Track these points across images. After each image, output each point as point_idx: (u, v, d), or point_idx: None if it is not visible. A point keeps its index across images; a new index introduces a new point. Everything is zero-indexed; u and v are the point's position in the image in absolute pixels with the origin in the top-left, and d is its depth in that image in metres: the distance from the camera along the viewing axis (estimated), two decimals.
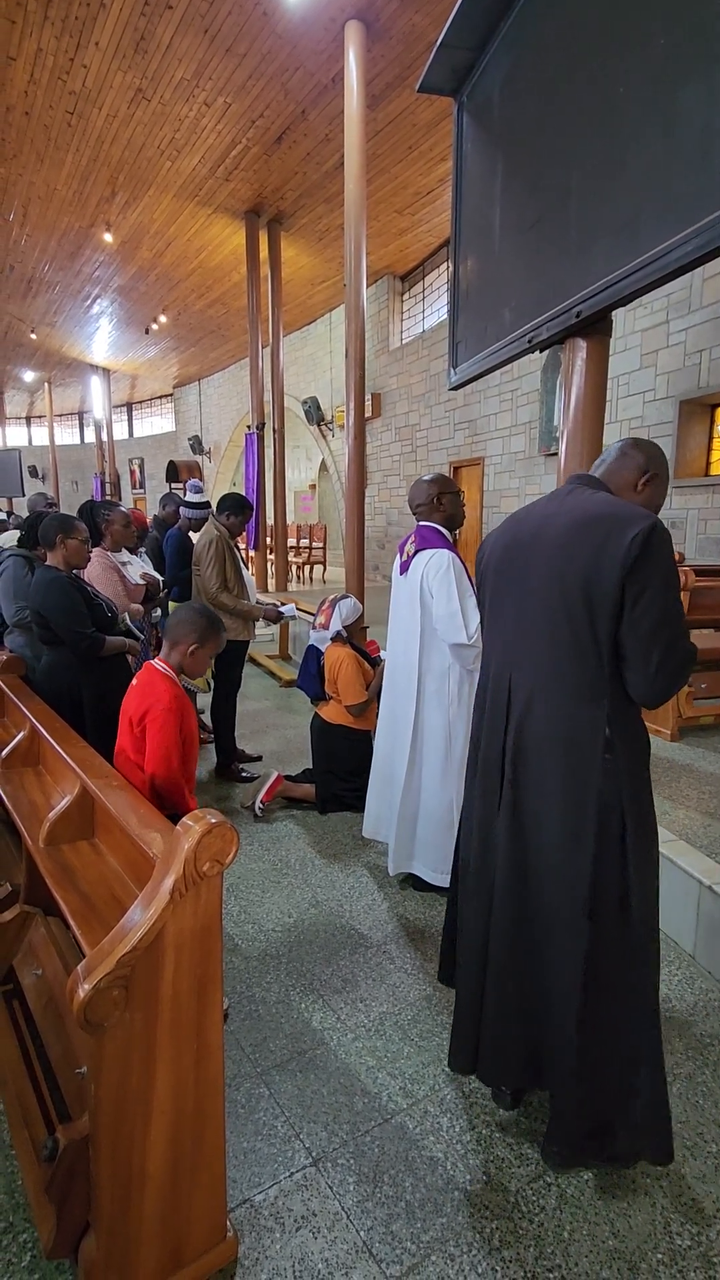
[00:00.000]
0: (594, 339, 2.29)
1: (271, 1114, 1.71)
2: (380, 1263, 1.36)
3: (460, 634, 2.40)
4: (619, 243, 1.97)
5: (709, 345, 5.86)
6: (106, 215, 9.42)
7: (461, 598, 2.41)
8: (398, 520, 11.55)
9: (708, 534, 6.00)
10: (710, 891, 2.24)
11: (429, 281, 10.96)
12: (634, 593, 1.29)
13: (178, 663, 2.05)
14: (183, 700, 1.98)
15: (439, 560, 2.46)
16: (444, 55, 2.76)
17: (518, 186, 2.54)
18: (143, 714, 1.96)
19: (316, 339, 13.66)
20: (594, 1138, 1.47)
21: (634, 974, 1.42)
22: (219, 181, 8.45)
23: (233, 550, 3.84)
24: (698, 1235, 1.41)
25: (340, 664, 3.33)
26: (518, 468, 8.69)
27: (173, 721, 1.93)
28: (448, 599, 2.42)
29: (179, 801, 1.96)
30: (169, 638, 2.07)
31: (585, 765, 1.38)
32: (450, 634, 2.43)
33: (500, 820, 1.52)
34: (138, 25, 5.85)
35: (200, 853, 1.17)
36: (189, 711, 2.03)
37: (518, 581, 1.50)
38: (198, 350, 16.21)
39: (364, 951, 2.36)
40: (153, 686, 1.99)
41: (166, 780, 1.93)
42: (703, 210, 1.67)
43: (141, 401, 22.47)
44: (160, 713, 1.92)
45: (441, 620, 2.44)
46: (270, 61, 6.28)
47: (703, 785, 3.16)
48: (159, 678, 2.01)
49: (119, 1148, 1.19)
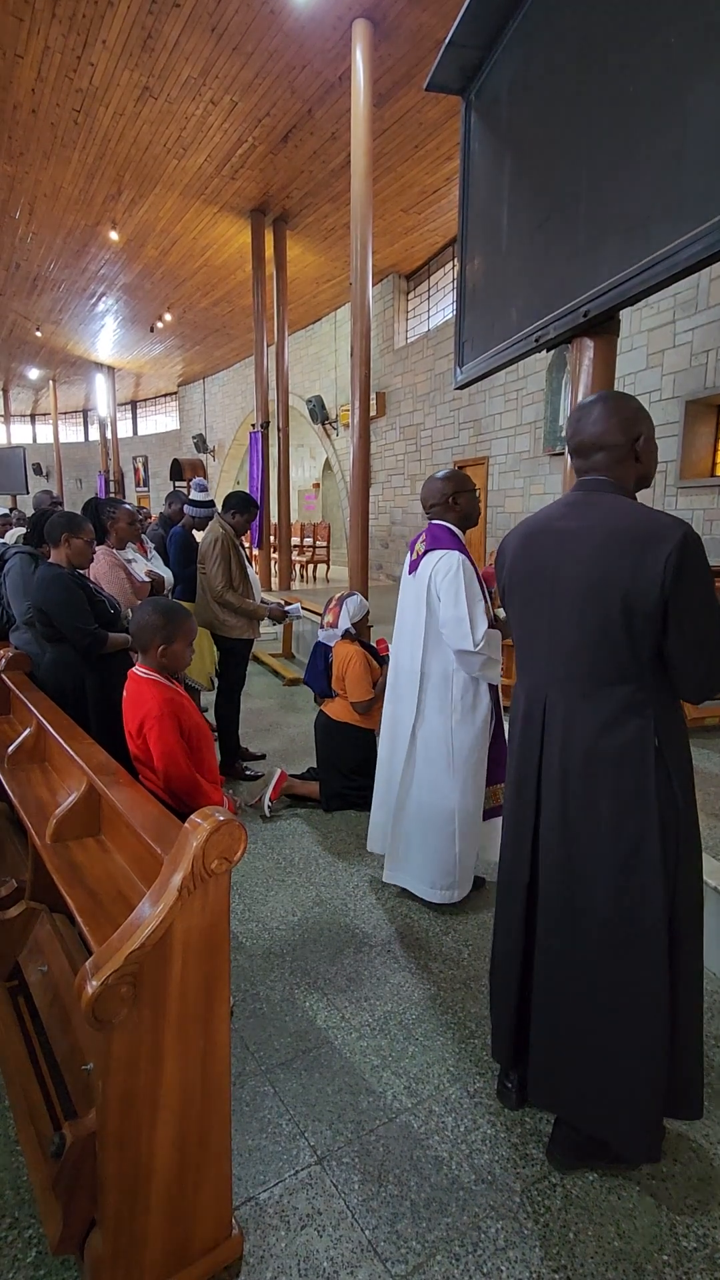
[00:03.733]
0: (601, 338, 2.29)
1: (276, 1112, 1.71)
2: (385, 1262, 1.36)
3: (466, 640, 2.33)
4: (628, 242, 1.96)
5: (715, 345, 5.85)
6: (112, 213, 9.42)
7: (470, 602, 2.33)
8: (401, 520, 11.54)
9: (713, 534, 5.99)
10: (716, 893, 2.23)
11: (434, 281, 10.94)
12: (676, 611, 1.28)
13: (156, 665, 2.02)
14: (174, 702, 1.96)
15: (448, 562, 2.39)
16: (452, 54, 2.75)
17: (526, 185, 2.53)
18: (139, 725, 1.95)
19: (321, 338, 13.65)
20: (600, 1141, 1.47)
21: (692, 970, 1.43)
22: (225, 180, 8.45)
23: (238, 548, 3.84)
24: (704, 1237, 1.40)
25: (349, 661, 3.33)
26: (522, 467, 8.67)
27: (168, 725, 1.92)
28: (455, 603, 2.35)
29: (198, 798, 1.95)
30: (137, 646, 2.04)
31: (639, 777, 1.37)
32: (456, 639, 2.36)
33: (546, 839, 1.50)
34: (145, 23, 5.85)
35: (209, 850, 1.17)
36: (186, 709, 2.00)
37: (547, 600, 1.47)
38: (202, 348, 16.21)
39: (368, 950, 2.36)
40: (140, 696, 1.97)
41: (179, 779, 1.93)
42: (713, 209, 1.66)
43: (146, 399, 22.49)
44: (154, 721, 1.91)
45: (448, 624, 2.38)
46: (277, 60, 6.27)
47: (708, 786, 3.15)
48: (144, 685, 1.99)
49: (126, 1144, 1.19)
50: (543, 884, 1.52)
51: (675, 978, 1.41)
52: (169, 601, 2.08)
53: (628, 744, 1.38)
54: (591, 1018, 1.45)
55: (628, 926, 1.40)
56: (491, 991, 1.74)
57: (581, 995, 1.46)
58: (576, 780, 1.44)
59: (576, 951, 1.46)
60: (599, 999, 1.44)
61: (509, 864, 1.62)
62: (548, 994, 1.52)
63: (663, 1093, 1.41)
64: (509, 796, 1.64)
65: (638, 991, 1.39)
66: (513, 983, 1.60)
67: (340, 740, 3.44)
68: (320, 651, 3.60)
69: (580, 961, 1.46)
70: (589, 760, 1.42)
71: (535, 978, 1.55)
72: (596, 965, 1.44)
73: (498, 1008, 1.67)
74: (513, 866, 1.60)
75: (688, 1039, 1.45)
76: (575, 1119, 1.52)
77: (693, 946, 1.43)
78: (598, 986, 1.44)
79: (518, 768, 1.58)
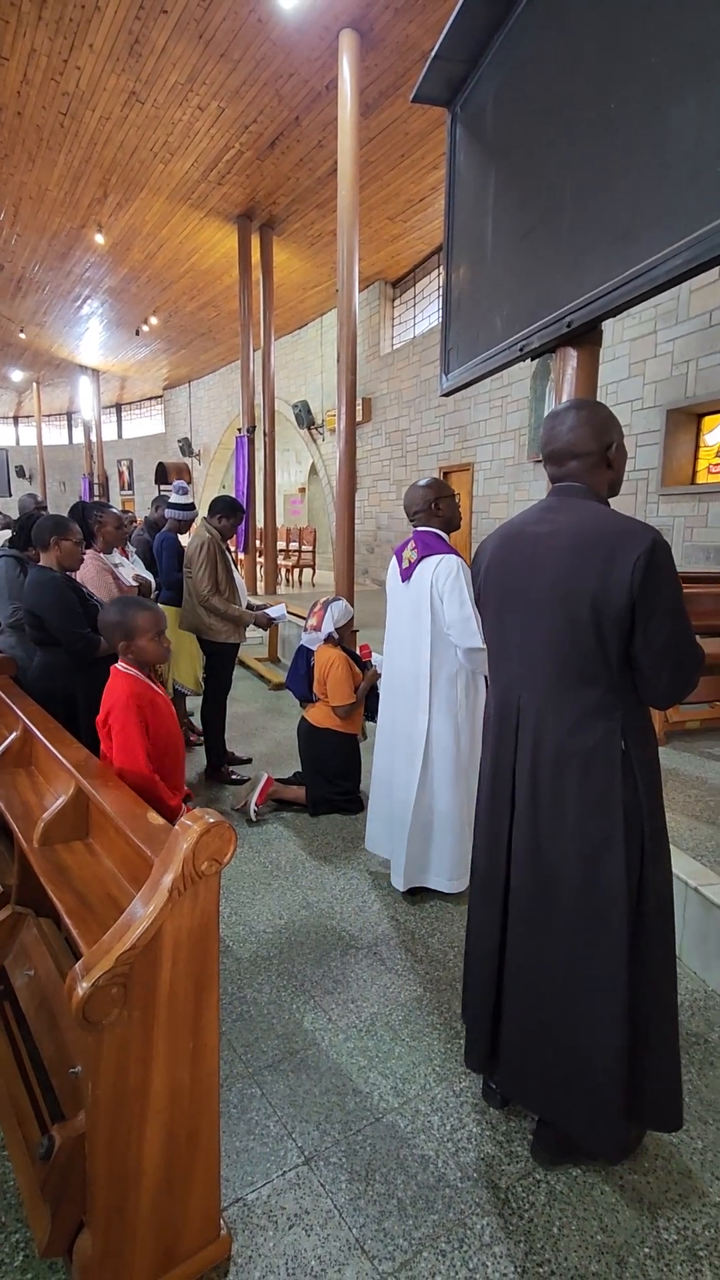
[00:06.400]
0: (584, 348, 2.33)
1: (264, 1114, 1.72)
2: (373, 1259, 1.37)
3: (475, 638, 2.40)
4: (611, 254, 2.01)
5: (696, 355, 5.95)
6: (98, 216, 9.41)
7: (473, 602, 2.42)
8: (387, 524, 11.59)
9: (694, 541, 6.08)
10: (696, 893, 2.27)
11: (420, 288, 11.03)
12: (644, 616, 1.31)
13: (132, 660, 2.03)
14: (144, 696, 1.96)
15: (448, 565, 2.46)
16: (438, 67, 2.80)
17: (511, 196, 2.57)
18: (105, 716, 1.97)
19: (307, 343, 13.69)
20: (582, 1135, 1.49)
21: (663, 971, 1.45)
22: (211, 185, 8.48)
23: (224, 553, 3.85)
24: (684, 1229, 1.43)
25: (331, 665, 3.35)
26: (507, 473, 8.76)
27: (131, 717, 1.91)
28: (460, 603, 2.42)
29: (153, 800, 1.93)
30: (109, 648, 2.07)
31: (606, 778, 1.39)
32: (465, 638, 2.43)
33: (517, 837, 1.52)
34: (132, 29, 5.87)
35: (199, 852, 1.18)
36: (159, 709, 1.99)
37: (521, 603, 1.49)
38: (188, 352, 16.19)
39: (355, 953, 2.37)
40: (112, 688, 1.99)
41: (135, 778, 1.89)
42: (694, 224, 1.71)
43: (131, 403, 22.40)
44: (119, 711, 1.92)
45: (455, 625, 2.44)
46: (264, 68, 6.31)
47: (689, 789, 3.21)
48: (118, 677, 2.00)
49: (115, 1145, 1.19)
50: (514, 883, 1.54)
51: (642, 980, 1.43)
52: (125, 598, 2.09)
53: (595, 746, 1.41)
54: (558, 1015, 1.47)
55: (592, 925, 1.42)
56: (467, 994, 1.75)
57: (549, 993, 1.49)
58: (546, 781, 1.46)
59: (544, 948, 1.49)
60: (564, 997, 1.46)
61: (484, 867, 1.63)
62: (518, 990, 1.54)
63: (625, 1096, 1.42)
64: (484, 798, 1.65)
65: (600, 991, 1.42)
66: (490, 983, 1.61)
67: (323, 745, 3.45)
68: (303, 655, 3.61)
69: (548, 959, 1.49)
70: (558, 761, 1.44)
71: (506, 975, 1.57)
72: (562, 963, 1.46)
73: (474, 1010, 1.68)
74: (488, 868, 1.61)
75: (660, 1049, 1.45)
76: (543, 1113, 1.55)
77: (663, 949, 1.44)
78: (563, 984, 1.46)
79: (492, 769, 1.61)
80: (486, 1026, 1.63)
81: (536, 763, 1.48)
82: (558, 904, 1.46)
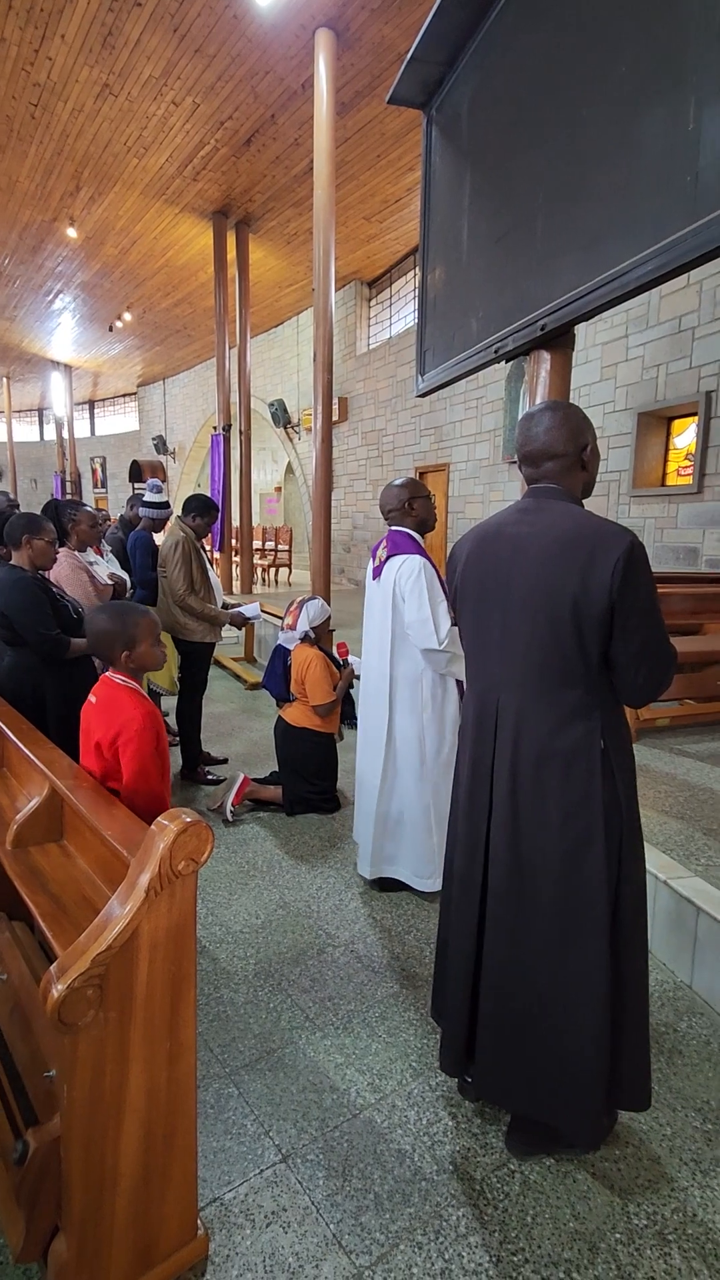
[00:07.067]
0: (557, 351, 2.37)
1: (241, 1113, 1.72)
2: (350, 1254, 1.38)
3: (432, 639, 2.43)
4: (583, 259, 2.04)
5: (665, 360, 6.06)
6: (70, 210, 9.27)
7: (433, 603, 2.43)
8: (364, 524, 11.61)
9: (664, 542, 6.20)
10: (666, 886, 2.32)
11: (396, 289, 11.06)
12: (622, 617, 1.34)
13: (129, 671, 1.90)
14: (155, 717, 1.85)
15: (410, 566, 2.48)
16: (414, 69, 2.81)
17: (485, 200, 2.60)
18: (113, 737, 1.80)
19: (284, 341, 13.65)
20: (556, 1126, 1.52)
21: (639, 962, 1.49)
22: (186, 181, 8.41)
23: (199, 552, 3.82)
24: (654, 1214, 1.47)
25: (308, 664, 3.35)
26: (482, 474, 8.83)
27: (148, 741, 1.79)
28: (419, 604, 2.44)
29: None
30: (101, 658, 1.91)
31: (586, 776, 1.42)
32: (422, 639, 2.46)
33: (495, 837, 1.54)
34: (105, 20, 5.79)
35: (176, 851, 1.18)
36: (161, 725, 1.91)
37: (499, 604, 1.50)
38: (163, 349, 16.03)
39: (332, 951, 2.38)
40: (119, 705, 1.83)
41: (148, 797, 1.80)
42: (663, 232, 1.75)
43: (104, 399, 22.10)
44: (134, 734, 1.78)
45: (413, 626, 2.47)
46: (240, 64, 6.28)
47: (659, 785, 3.27)
48: (123, 695, 1.85)
49: (91, 1148, 1.19)
50: (492, 882, 1.55)
51: (621, 974, 1.46)
52: (120, 604, 1.98)
53: (576, 746, 1.43)
54: (538, 1011, 1.50)
55: (573, 921, 1.45)
56: (439, 995, 1.76)
57: (529, 989, 1.51)
58: (526, 781, 1.48)
59: (524, 946, 1.51)
60: (545, 992, 1.48)
61: (461, 867, 1.64)
62: (497, 989, 1.55)
63: (606, 1083, 1.46)
64: (461, 800, 1.66)
65: (582, 985, 1.44)
66: (466, 982, 1.62)
67: (300, 745, 3.45)
68: (279, 654, 3.61)
69: (528, 956, 1.50)
70: (539, 761, 1.46)
71: (484, 974, 1.58)
72: (543, 959, 1.48)
73: (450, 1010, 1.67)
74: (465, 868, 1.62)
75: (634, 1034, 1.50)
76: (524, 1110, 1.57)
77: (637, 941, 1.49)
78: (544, 980, 1.48)
79: (470, 771, 1.61)
80: (463, 1026, 1.64)
81: (516, 763, 1.49)
82: (537, 901, 1.48)
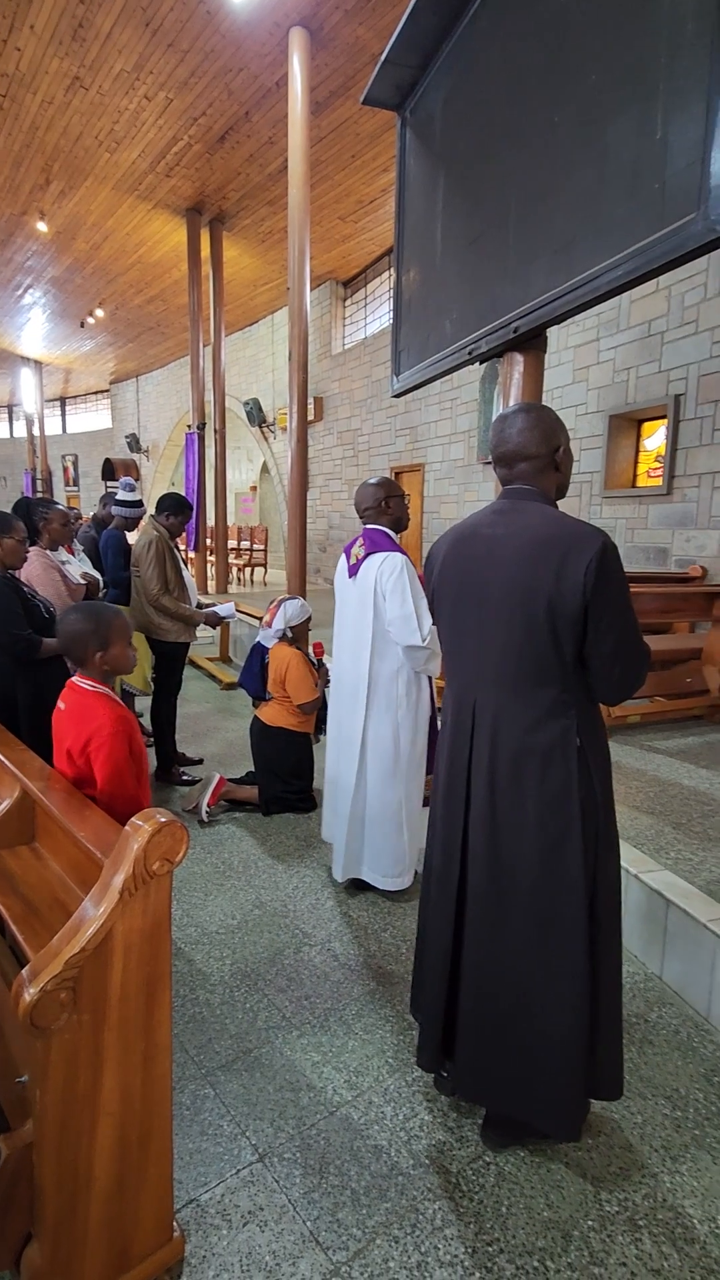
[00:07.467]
0: (530, 353, 2.40)
1: (217, 1114, 1.71)
2: (327, 1250, 1.39)
3: (414, 636, 2.43)
4: (554, 263, 2.07)
5: (636, 364, 6.17)
6: (40, 203, 9.12)
7: (415, 600, 2.44)
8: (339, 524, 11.61)
9: (635, 542, 6.30)
10: (637, 880, 2.37)
11: (371, 289, 11.08)
12: (596, 616, 1.36)
13: (99, 674, 1.86)
14: (128, 720, 1.82)
15: (392, 563, 2.48)
16: (387, 71, 2.83)
17: (459, 203, 2.63)
18: (84, 744, 1.77)
19: (258, 340, 13.59)
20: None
21: (615, 954, 1.52)
22: (159, 177, 8.33)
23: (173, 551, 3.79)
24: (625, 1201, 1.50)
25: (287, 664, 3.34)
26: (457, 474, 8.89)
27: (121, 745, 1.76)
28: (402, 601, 2.44)
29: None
30: (72, 659, 1.87)
31: (564, 775, 1.44)
32: (404, 636, 2.46)
33: (473, 835, 1.55)
34: (76, 12, 5.72)
35: (150, 851, 1.17)
36: (135, 728, 1.86)
37: (476, 605, 1.51)
38: (136, 346, 15.85)
39: (308, 949, 2.38)
40: (89, 711, 1.78)
41: (125, 800, 1.76)
42: (632, 238, 1.78)
43: (76, 396, 21.78)
44: (106, 739, 1.74)
45: (395, 622, 2.47)
46: (213, 60, 6.24)
47: (630, 781, 3.33)
48: (93, 700, 1.79)
49: (64, 1153, 1.18)
50: (471, 880, 1.57)
51: (597, 966, 1.49)
52: (92, 604, 1.94)
53: (552, 743, 1.45)
54: (518, 1007, 1.51)
55: (552, 917, 1.47)
56: (418, 991, 1.77)
57: (509, 986, 1.52)
58: (504, 779, 1.50)
59: (503, 943, 1.52)
60: (525, 988, 1.50)
61: (439, 867, 1.65)
62: (477, 986, 1.57)
63: (584, 1075, 1.49)
64: (439, 799, 1.67)
65: (562, 979, 1.47)
66: (443, 980, 1.63)
67: (276, 744, 3.44)
68: (258, 652, 3.60)
69: (507, 952, 1.52)
70: (516, 759, 1.48)
71: (463, 972, 1.59)
72: (523, 955, 1.50)
73: (428, 1007, 1.69)
74: (443, 866, 1.64)
75: (609, 1025, 1.53)
76: (503, 1107, 1.59)
77: (612, 935, 1.52)
78: (524, 976, 1.50)
79: (448, 770, 1.62)
80: (440, 1023, 1.65)
81: (494, 762, 1.51)
82: (516, 898, 1.50)
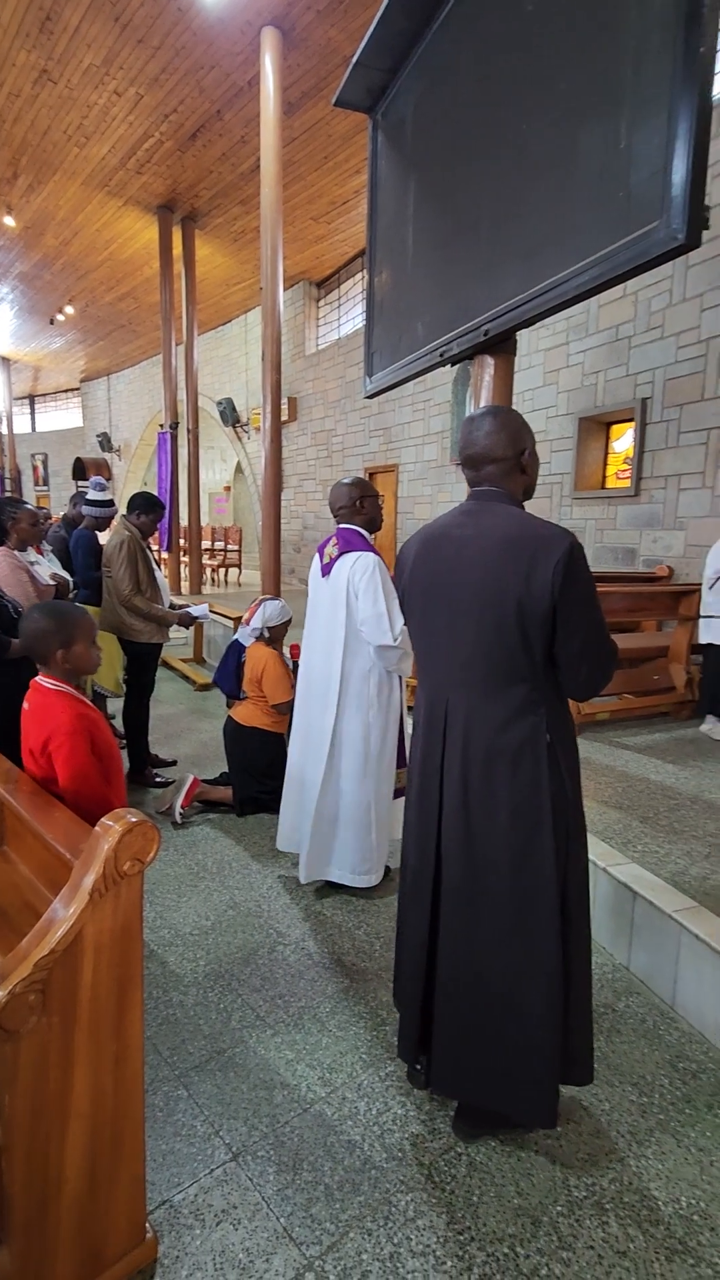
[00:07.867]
0: (500, 356, 2.43)
1: (190, 1115, 1.71)
2: (300, 1245, 1.39)
3: (386, 635, 2.45)
4: (523, 268, 2.10)
5: (604, 367, 6.27)
6: (7, 198, 8.97)
7: (387, 600, 2.45)
8: (314, 524, 11.60)
9: (604, 543, 6.41)
10: (606, 873, 2.41)
11: (345, 290, 11.10)
12: (564, 615, 1.40)
13: (62, 673, 1.83)
14: (88, 718, 1.79)
15: (365, 563, 2.49)
16: (359, 73, 2.84)
17: (430, 206, 2.65)
18: (44, 742, 1.74)
19: (232, 340, 13.52)
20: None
21: (584, 944, 1.55)
22: (130, 173, 8.24)
23: (145, 551, 3.76)
24: (592, 1186, 1.53)
25: (264, 664, 3.33)
26: (430, 475, 8.94)
27: (80, 743, 1.73)
28: (374, 601, 2.45)
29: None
30: (35, 658, 1.85)
31: (534, 771, 1.47)
32: (376, 635, 2.47)
33: (447, 833, 1.57)
34: (43, 4, 5.64)
35: (120, 851, 1.17)
36: (99, 726, 1.84)
37: (446, 606, 1.53)
38: (107, 344, 15.65)
39: (282, 949, 2.39)
40: (48, 710, 1.76)
41: (91, 799, 1.73)
42: (598, 244, 1.82)
43: (46, 394, 21.44)
44: (64, 738, 1.71)
45: (368, 622, 2.48)
46: (185, 57, 6.20)
47: (599, 776, 3.39)
48: (53, 699, 1.77)
49: (34, 1156, 1.17)
50: (445, 876, 1.59)
51: (568, 955, 1.52)
52: (56, 603, 1.92)
53: (523, 741, 1.48)
54: (493, 1000, 1.54)
55: (525, 910, 1.50)
56: (398, 989, 1.79)
57: (484, 979, 1.55)
58: (477, 776, 1.53)
59: (478, 937, 1.55)
60: (500, 980, 1.53)
61: (414, 865, 1.67)
62: (452, 981, 1.59)
63: (560, 1063, 1.53)
64: (413, 800, 1.69)
65: (536, 970, 1.50)
66: (420, 975, 1.65)
67: (250, 744, 3.43)
68: (234, 651, 3.58)
69: (482, 947, 1.54)
70: (488, 757, 1.51)
71: (439, 967, 1.62)
72: (497, 949, 1.53)
73: (405, 1003, 1.72)
74: (418, 864, 1.66)
75: (580, 1013, 1.56)
76: (479, 1100, 1.61)
77: (582, 926, 1.56)
78: (499, 969, 1.53)
79: (421, 769, 1.65)
80: (417, 1016, 1.68)
81: (467, 761, 1.53)
82: (490, 893, 1.52)
